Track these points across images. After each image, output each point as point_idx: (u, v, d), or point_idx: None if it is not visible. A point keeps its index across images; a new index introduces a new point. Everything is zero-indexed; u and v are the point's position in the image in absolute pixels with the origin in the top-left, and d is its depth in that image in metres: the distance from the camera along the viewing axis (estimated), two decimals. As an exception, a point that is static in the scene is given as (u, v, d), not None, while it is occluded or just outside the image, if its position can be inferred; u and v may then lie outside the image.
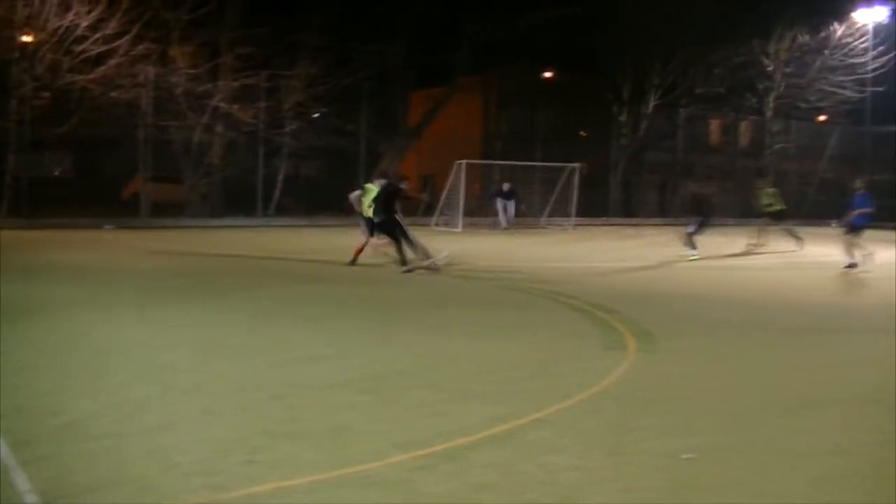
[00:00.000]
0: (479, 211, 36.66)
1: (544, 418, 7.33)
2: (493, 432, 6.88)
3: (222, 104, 31.58)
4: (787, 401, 8.35)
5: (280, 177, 34.87)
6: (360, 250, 19.14)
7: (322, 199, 37.07)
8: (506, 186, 33.12)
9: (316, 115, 35.99)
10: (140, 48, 28.59)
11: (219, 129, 32.37)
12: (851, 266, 20.51)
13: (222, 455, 6.20)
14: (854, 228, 20.77)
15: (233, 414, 7.27)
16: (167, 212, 31.51)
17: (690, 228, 23.10)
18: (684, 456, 6.43)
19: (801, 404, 8.24)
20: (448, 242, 19.21)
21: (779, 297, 16.35)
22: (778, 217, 26.63)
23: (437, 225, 31.75)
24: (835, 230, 22.42)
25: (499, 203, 33.70)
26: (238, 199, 33.58)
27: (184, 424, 6.91)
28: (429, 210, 34.93)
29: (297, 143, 34.58)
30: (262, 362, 9.21)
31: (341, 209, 35.85)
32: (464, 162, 32.27)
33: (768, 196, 26.67)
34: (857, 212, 20.67)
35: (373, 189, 19.18)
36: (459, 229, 30.67)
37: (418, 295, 15.26)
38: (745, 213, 43.01)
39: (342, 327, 11.57)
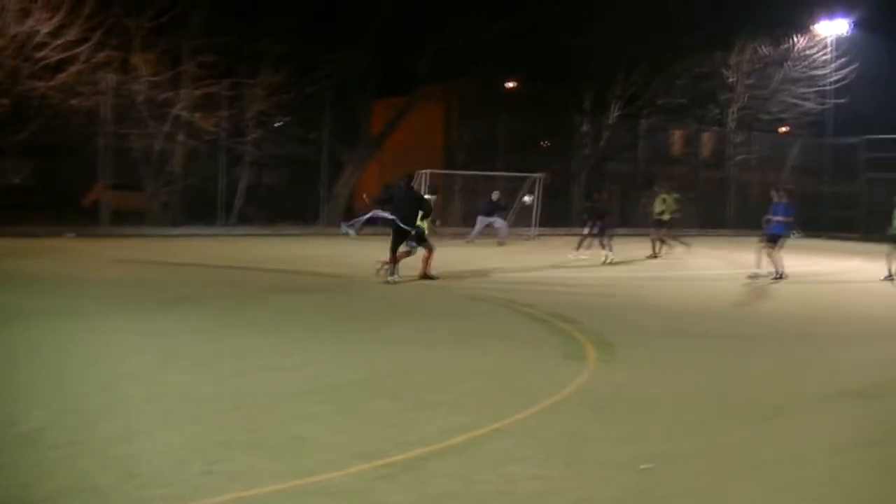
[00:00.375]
0: (442, 221, 36.58)
1: (504, 428, 7.36)
2: (452, 442, 6.91)
3: (184, 112, 31.34)
4: (745, 409, 8.45)
5: (242, 185, 34.64)
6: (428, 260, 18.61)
7: (284, 208, 36.94)
8: (495, 196, 31.57)
9: (278, 123, 35.84)
10: (101, 55, 28.26)
11: (180, 137, 32.12)
12: (779, 277, 20.39)
13: (181, 465, 6.19)
14: (772, 238, 20.73)
15: (191, 424, 7.25)
16: (128, 220, 31.26)
17: (586, 230, 24.92)
18: (642, 466, 6.48)
19: (758, 413, 8.33)
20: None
21: (730, 307, 16.53)
22: (664, 224, 27.03)
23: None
24: (794, 241, 22.50)
25: (481, 220, 31.06)
26: (199, 208, 33.33)
27: (142, 434, 6.89)
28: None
29: (259, 151, 34.35)
30: (222, 372, 9.19)
31: (303, 218, 35.83)
32: (425, 171, 32.21)
33: (665, 202, 26.93)
34: (775, 219, 20.67)
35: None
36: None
37: (378, 305, 15.26)
38: (706, 223, 43.38)
39: (302, 337, 11.56)
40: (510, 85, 45.89)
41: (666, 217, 26.68)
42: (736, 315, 15.52)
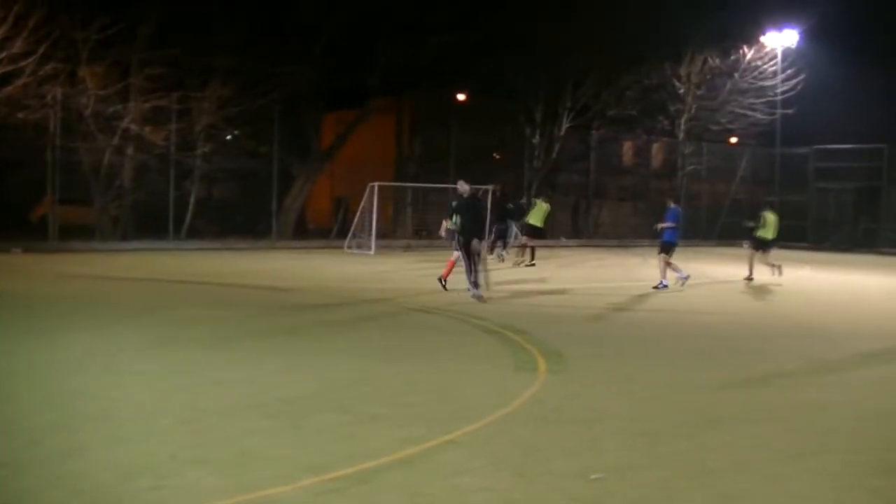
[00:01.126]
0: (393, 234, 36.56)
1: (455, 440, 7.35)
2: (403, 454, 6.89)
3: (133, 126, 31.11)
4: (690, 418, 8.49)
5: (192, 199, 34.38)
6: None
7: (234, 222, 36.73)
8: (510, 204, 29.80)
9: (228, 137, 35.65)
10: (47, 68, 27.93)
11: (129, 150, 31.86)
12: (659, 286, 20.60)
13: (128, 481, 6.13)
14: (664, 247, 20.99)
15: (139, 440, 7.18)
16: (77, 235, 30.93)
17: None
18: (592, 476, 6.49)
19: (702, 421, 8.38)
20: (361, 265, 19.05)
21: (676, 314, 16.63)
22: (534, 232, 27.81)
23: (349, 248, 31.59)
24: (745, 251, 22.79)
25: (499, 229, 28.70)
26: (149, 222, 33.03)
27: (89, 451, 6.81)
28: (341, 233, 34.80)
29: (209, 165, 34.20)
30: (171, 387, 9.12)
31: (254, 231, 35.64)
32: (376, 184, 32.18)
33: (536, 210, 28.21)
34: (663, 226, 20.98)
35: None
36: (372, 252, 30.49)
37: (328, 318, 15.19)
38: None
39: (250, 350, 11.48)
40: (461, 97, 45.93)
41: (540, 225, 28.02)
42: (681, 322, 15.62)
